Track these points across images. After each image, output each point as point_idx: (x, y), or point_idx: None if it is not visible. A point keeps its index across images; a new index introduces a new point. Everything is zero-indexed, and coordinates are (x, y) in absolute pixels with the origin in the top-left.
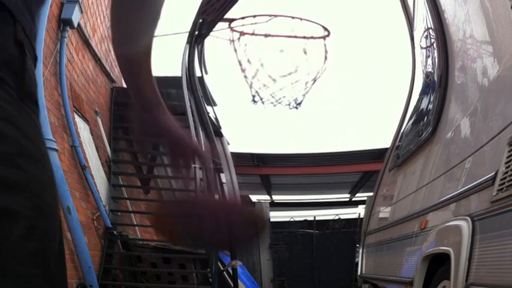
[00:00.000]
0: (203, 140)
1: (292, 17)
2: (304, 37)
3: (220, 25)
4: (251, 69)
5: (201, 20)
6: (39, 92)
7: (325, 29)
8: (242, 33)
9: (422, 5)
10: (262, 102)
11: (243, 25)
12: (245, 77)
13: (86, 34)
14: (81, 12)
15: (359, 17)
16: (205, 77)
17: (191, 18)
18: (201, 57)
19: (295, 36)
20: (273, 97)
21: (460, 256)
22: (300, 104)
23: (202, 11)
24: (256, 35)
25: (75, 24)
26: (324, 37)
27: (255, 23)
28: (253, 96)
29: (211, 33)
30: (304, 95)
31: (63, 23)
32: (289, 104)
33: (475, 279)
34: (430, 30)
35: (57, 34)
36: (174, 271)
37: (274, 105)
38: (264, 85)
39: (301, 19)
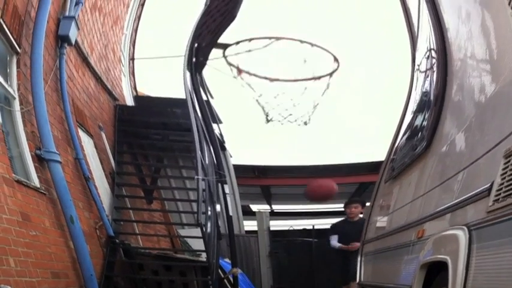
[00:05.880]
0: (207, 153)
1: (301, 41)
2: (312, 78)
3: (218, 53)
4: (258, 92)
5: (196, 45)
6: (41, 106)
7: (336, 59)
8: (240, 71)
9: (426, 23)
10: (272, 120)
11: (237, 53)
12: (257, 101)
13: (84, 52)
14: (78, 29)
15: (355, 32)
16: (212, 100)
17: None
18: (204, 85)
19: (300, 79)
20: (281, 115)
21: (457, 264)
22: (309, 120)
23: (197, 35)
24: (256, 76)
25: (73, 41)
26: (331, 74)
27: (249, 50)
28: (267, 116)
29: (210, 64)
30: (309, 116)
31: (61, 39)
32: (295, 121)
33: (472, 287)
34: (432, 51)
35: (56, 50)
36: (175, 279)
37: (282, 124)
38: (273, 108)
39: (312, 45)
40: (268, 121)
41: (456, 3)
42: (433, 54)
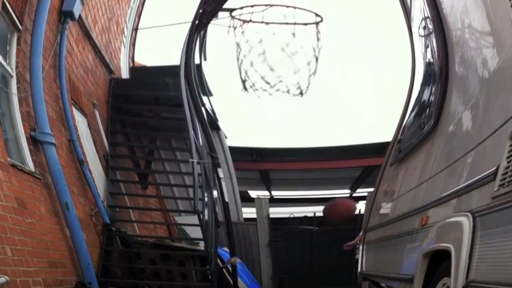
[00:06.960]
0: (200, 133)
1: (287, 6)
2: (296, 23)
3: (220, 14)
4: (249, 58)
5: (201, 11)
6: (38, 84)
7: (318, 15)
8: (244, 21)
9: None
10: (255, 90)
11: (241, 14)
12: (240, 65)
13: (87, 26)
14: (83, 3)
15: (362, 11)
16: (203, 65)
17: (193, 9)
18: (202, 44)
19: (289, 23)
20: (268, 84)
21: (460, 253)
22: (306, 89)
23: (203, 2)
24: (255, 22)
25: (77, 16)
26: (317, 23)
27: (252, 13)
28: (244, 81)
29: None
30: (309, 78)
31: (64, 15)
32: (288, 91)
33: (475, 276)
34: (428, 20)
35: (58, 26)
36: (173, 268)
37: (270, 94)
38: (262, 78)
39: (294, 7)
40: (245, 89)
41: None
42: (429, 23)
